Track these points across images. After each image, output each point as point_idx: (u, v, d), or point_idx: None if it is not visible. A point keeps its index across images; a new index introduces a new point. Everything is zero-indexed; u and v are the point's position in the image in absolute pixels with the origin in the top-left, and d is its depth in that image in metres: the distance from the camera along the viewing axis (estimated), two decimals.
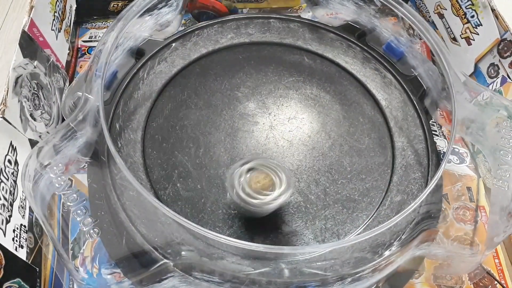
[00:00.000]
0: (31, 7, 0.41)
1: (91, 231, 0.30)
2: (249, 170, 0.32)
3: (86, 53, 0.54)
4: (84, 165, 0.38)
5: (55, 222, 0.38)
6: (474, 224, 0.42)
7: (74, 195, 0.30)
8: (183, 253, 0.31)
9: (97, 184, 0.36)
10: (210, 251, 0.32)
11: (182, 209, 0.35)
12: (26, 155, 0.31)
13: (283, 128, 0.40)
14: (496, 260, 0.41)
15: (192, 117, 0.41)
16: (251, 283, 0.30)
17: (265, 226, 0.35)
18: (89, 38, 0.56)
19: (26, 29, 0.40)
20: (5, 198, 0.34)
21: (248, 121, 0.40)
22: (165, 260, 0.30)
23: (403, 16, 0.40)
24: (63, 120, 0.45)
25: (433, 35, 0.39)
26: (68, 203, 0.30)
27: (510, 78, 0.44)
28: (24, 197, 0.37)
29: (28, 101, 0.39)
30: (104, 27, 0.57)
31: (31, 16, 0.41)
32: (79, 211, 0.30)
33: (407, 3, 0.59)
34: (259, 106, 0.41)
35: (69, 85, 0.48)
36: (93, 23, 0.57)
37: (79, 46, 0.55)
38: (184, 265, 0.30)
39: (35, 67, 0.41)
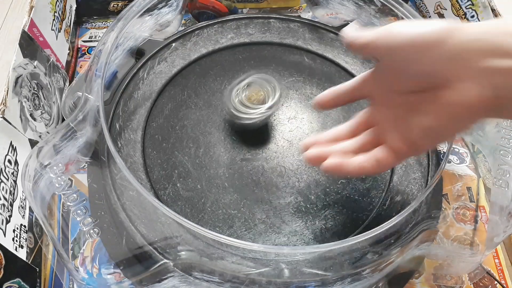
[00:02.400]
0: (31, 7, 0.41)
1: (91, 231, 0.30)
2: (247, 86, 0.38)
3: (86, 53, 0.54)
4: (84, 165, 0.38)
5: (55, 222, 0.38)
6: (474, 224, 0.42)
7: (74, 195, 0.30)
8: (183, 253, 0.31)
9: (97, 184, 0.36)
10: (210, 251, 0.32)
11: (182, 209, 0.35)
12: (26, 155, 0.31)
13: (283, 128, 0.40)
14: (496, 260, 0.41)
15: (192, 117, 0.41)
16: (251, 283, 0.30)
17: (265, 226, 0.35)
18: (89, 38, 0.56)
19: (26, 29, 0.40)
20: (5, 198, 0.34)
21: None
22: (165, 260, 0.30)
23: (403, 16, 0.40)
24: (63, 120, 0.45)
25: None
26: (68, 203, 0.30)
27: None
28: (24, 197, 0.37)
29: (28, 101, 0.39)
30: (104, 27, 0.57)
31: (31, 16, 0.41)
32: (79, 211, 0.30)
33: (407, 3, 0.59)
34: None
35: (69, 85, 0.48)
36: (93, 23, 0.57)
37: (79, 46, 0.55)
38: (184, 265, 0.30)
39: (35, 67, 0.41)
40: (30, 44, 0.40)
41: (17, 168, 0.36)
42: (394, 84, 0.28)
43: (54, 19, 0.46)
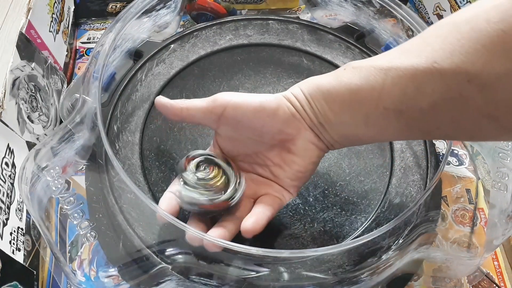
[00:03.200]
0: (29, 9, 0.41)
1: (88, 234, 0.30)
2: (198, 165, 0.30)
3: (84, 55, 0.54)
4: (82, 167, 0.38)
5: (52, 225, 0.37)
6: (473, 226, 0.42)
7: (71, 198, 0.30)
8: (180, 256, 0.31)
9: (95, 186, 0.36)
10: (207, 254, 0.32)
11: (180, 211, 0.35)
12: (23, 158, 0.31)
13: None
14: (496, 263, 0.41)
15: None
16: (249, 286, 0.30)
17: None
18: (87, 40, 0.56)
19: (23, 31, 0.40)
20: (2, 201, 0.33)
21: None
22: (163, 264, 0.30)
23: (402, 18, 0.40)
24: (61, 122, 0.45)
25: None
26: (65, 206, 0.30)
27: None
28: (21, 200, 0.37)
29: (25, 103, 0.39)
30: (103, 29, 0.57)
31: (28, 18, 0.41)
32: (75, 214, 0.30)
33: (406, 4, 0.59)
34: None
35: (67, 87, 0.48)
36: (91, 25, 0.57)
37: (77, 48, 0.55)
38: (182, 268, 0.30)
39: (32, 69, 0.40)
40: (27, 46, 0.40)
41: (14, 170, 0.36)
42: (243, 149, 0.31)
43: (52, 21, 0.46)
